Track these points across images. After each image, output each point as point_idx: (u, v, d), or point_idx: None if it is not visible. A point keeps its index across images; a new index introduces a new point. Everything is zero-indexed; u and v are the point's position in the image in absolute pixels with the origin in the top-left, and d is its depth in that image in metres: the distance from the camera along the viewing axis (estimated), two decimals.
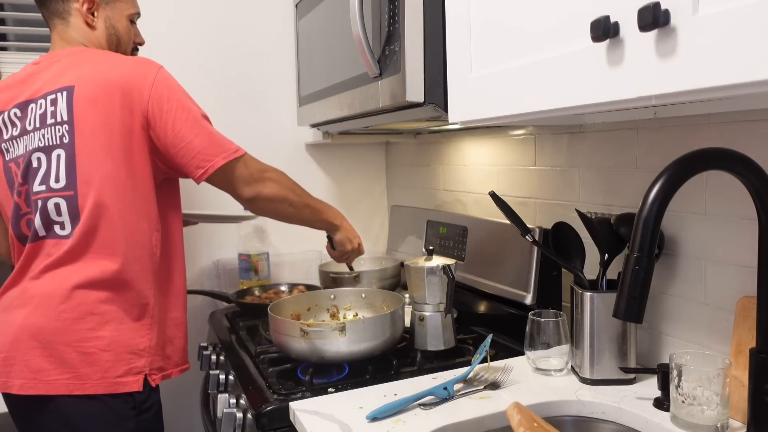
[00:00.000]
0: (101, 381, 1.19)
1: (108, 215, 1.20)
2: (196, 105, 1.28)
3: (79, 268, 1.20)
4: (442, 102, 1.10)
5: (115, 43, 1.35)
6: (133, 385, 1.21)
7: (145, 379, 1.23)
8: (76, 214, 1.20)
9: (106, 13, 1.33)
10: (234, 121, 1.97)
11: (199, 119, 1.26)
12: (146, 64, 1.26)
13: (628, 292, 0.74)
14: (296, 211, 1.39)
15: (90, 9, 1.30)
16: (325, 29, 1.51)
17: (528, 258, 1.31)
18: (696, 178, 0.96)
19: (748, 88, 0.56)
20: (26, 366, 1.19)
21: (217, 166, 1.26)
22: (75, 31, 1.31)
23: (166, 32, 1.87)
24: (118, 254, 1.21)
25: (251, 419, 1.10)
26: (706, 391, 0.87)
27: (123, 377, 1.20)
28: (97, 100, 1.20)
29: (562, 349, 1.12)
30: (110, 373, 1.19)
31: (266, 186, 1.33)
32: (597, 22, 0.68)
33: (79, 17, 1.30)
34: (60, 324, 1.18)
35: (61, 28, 1.31)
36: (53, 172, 1.22)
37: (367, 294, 1.44)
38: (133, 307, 1.23)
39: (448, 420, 0.96)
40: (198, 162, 1.25)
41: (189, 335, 1.82)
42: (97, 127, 1.20)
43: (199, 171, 1.26)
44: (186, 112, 1.24)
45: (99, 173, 1.20)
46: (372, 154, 2.19)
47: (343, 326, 1.15)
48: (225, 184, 1.30)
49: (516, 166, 1.51)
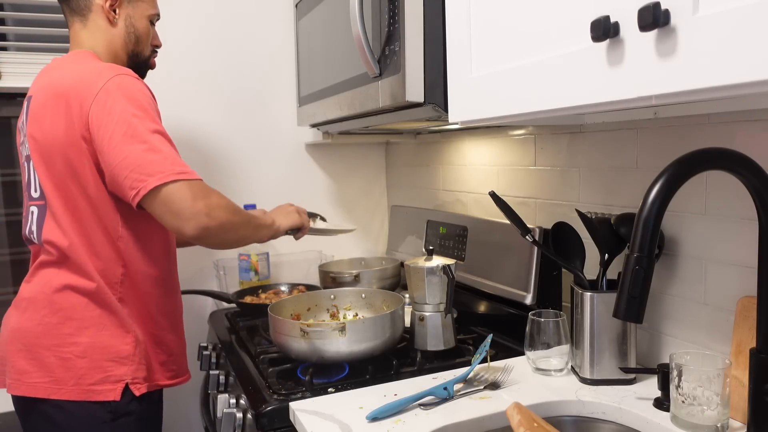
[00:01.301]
0: (75, 387, 1.18)
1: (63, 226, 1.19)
2: (152, 119, 1.14)
3: (61, 272, 1.20)
4: (442, 102, 1.10)
5: (133, 42, 1.33)
6: (108, 393, 1.18)
7: (127, 387, 1.20)
8: (42, 223, 1.22)
9: (128, 12, 1.31)
10: (234, 121, 1.97)
11: (144, 134, 1.11)
12: (102, 71, 1.17)
13: (628, 292, 0.74)
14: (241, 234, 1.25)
15: (113, 5, 1.29)
16: (325, 29, 1.51)
17: (528, 258, 1.31)
18: (696, 178, 0.96)
19: (748, 88, 0.56)
20: (12, 367, 1.21)
21: (148, 188, 1.08)
22: (90, 30, 1.29)
23: (167, 33, 1.87)
24: (87, 262, 1.19)
25: (251, 419, 1.10)
26: (706, 391, 0.87)
27: (97, 385, 1.18)
28: (45, 110, 1.18)
29: (562, 349, 1.12)
30: (84, 380, 1.18)
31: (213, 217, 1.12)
32: (597, 22, 0.68)
33: (100, 14, 1.28)
34: (42, 328, 1.19)
35: (78, 26, 1.29)
36: (32, 181, 1.24)
37: (367, 294, 1.44)
38: (116, 314, 1.21)
39: (448, 420, 0.96)
40: (131, 182, 1.10)
41: (189, 335, 1.82)
42: (45, 138, 1.18)
43: (132, 192, 1.10)
44: (126, 126, 1.11)
45: (50, 184, 1.19)
46: (372, 154, 2.19)
47: (343, 326, 1.15)
48: (163, 214, 1.11)
49: (516, 166, 1.51)
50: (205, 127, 1.94)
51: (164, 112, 1.88)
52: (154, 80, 1.86)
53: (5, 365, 1.23)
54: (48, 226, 1.21)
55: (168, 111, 1.88)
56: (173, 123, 1.88)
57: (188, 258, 1.85)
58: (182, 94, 1.90)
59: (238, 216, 1.21)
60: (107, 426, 1.19)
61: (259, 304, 1.67)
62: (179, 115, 1.90)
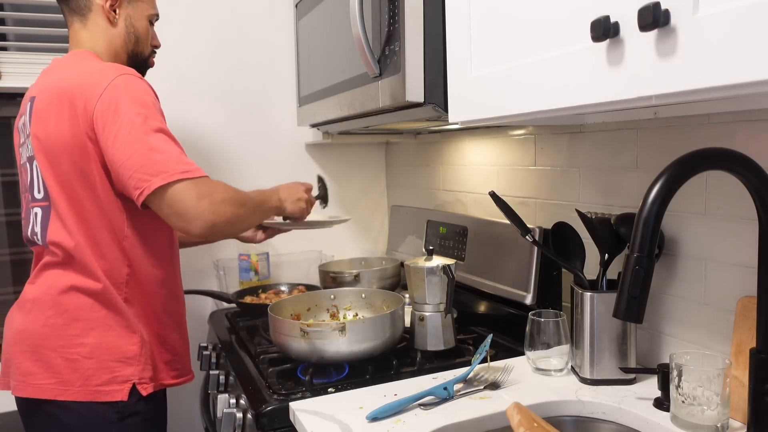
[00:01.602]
0: (82, 388, 1.17)
1: (69, 226, 1.18)
2: (156, 118, 1.15)
3: (67, 273, 1.20)
4: (442, 102, 1.10)
5: (133, 42, 1.33)
6: (116, 394, 1.18)
7: (134, 387, 1.20)
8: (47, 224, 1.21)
9: (128, 12, 1.31)
10: (234, 120, 1.97)
11: (148, 133, 1.11)
12: (106, 71, 1.17)
13: (628, 292, 0.74)
14: (249, 223, 1.28)
15: (113, 5, 1.29)
16: (325, 29, 1.51)
17: (528, 258, 1.31)
18: (696, 178, 0.96)
19: (748, 88, 0.56)
20: (18, 368, 1.20)
21: (152, 187, 1.08)
22: (90, 30, 1.29)
23: (166, 32, 1.87)
24: (92, 263, 1.19)
25: (251, 419, 1.10)
26: (706, 391, 0.87)
27: (104, 386, 1.18)
28: (50, 111, 1.17)
29: (562, 349, 1.12)
30: (92, 381, 1.18)
31: (219, 214, 1.13)
32: (597, 22, 0.68)
33: (100, 13, 1.28)
34: (47, 329, 1.19)
35: (77, 26, 1.29)
36: (36, 182, 1.23)
37: (367, 294, 1.44)
38: (121, 314, 1.21)
39: (448, 420, 0.96)
40: (135, 182, 1.10)
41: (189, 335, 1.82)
42: (49, 138, 1.18)
43: (136, 192, 1.10)
44: (130, 125, 1.11)
45: (56, 185, 1.18)
46: (372, 154, 2.19)
47: (343, 326, 1.15)
48: (168, 214, 1.11)
49: (516, 166, 1.51)
50: (205, 126, 1.94)
51: (164, 112, 1.89)
52: (154, 80, 1.86)
53: (10, 367, 1.22)
54: (53, 227, 1.20)
55: (168, 111, 1.87)
56: (173, 123, 1.87)
57: (188, 258, 1.85)
58: (182, 94, 1.90)
59: (243, 208, 1.22)
60: (114, 426, 1.19)
61: (259, 304, 1.67)
62: (179, 114, 1.90)
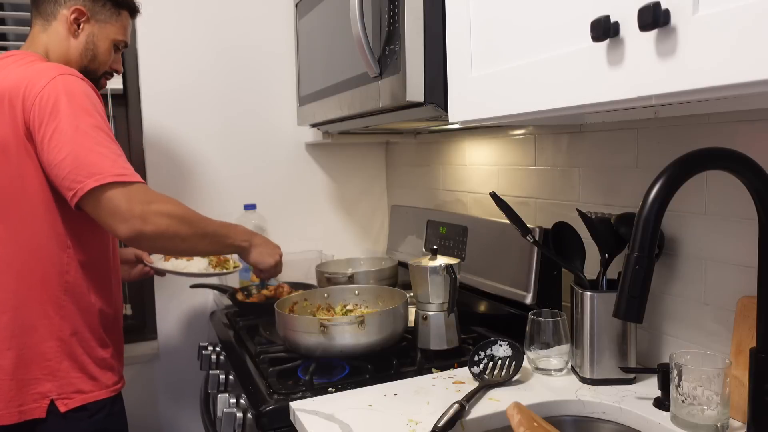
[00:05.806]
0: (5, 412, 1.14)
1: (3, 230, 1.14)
2: (94, 118, 1.13)
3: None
4: (442, 102, 1.10)
5: (89, 59, 1.32)
6: (34, 412, 1.15)
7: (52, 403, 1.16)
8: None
9: (93, 29, 1.31)
10: (234, 121, 1.97)
11: (86, 133, 1.09)
12: (46, 70, 1.15)
13: (628, 292, 0.74)
14: (191, 245, 1.24)
15: (77, 20, 1.29)
16: (325, 29, 1.51)
17: (528, 258, 1.31)
18: (696, 178, 0.96)
19: (748, 88, 0.56)
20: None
21: (85, 189, 1.07)
22: (49, 35, 1.28)
23: (166, 32, 1.87)
24: (11, 273, 1.14)
25: (251, 419, 1.10)
26: (706, 390, 0.87)
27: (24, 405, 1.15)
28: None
29: (562, 349, 1.12)
30: (14, 402, 1.15)
31: (148, 223, 1.12)
32: (597, 22, 0.68)
33: (62, 24, 1.28)
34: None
35: (39, 29, 1.29)
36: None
37: (360, 291, 1.45)
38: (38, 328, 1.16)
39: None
40: (69, 183, 1.08)
41: (189, 335, 1.82)
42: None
43: (70, 193, 1.09)
44: (66, 125, 1.08)
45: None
46: (372, 154, 2.19)
47: (362, 319, 1.16)
48: (100, 215, 1.10)
49: (516, 166, 1.51)
50: (205, 126, 1.94)
51: (164, 112, 1.89)
52: (153, 80, 1.86)
53: None
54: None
55: (168, 111, 1.89)
56: (173, 123, 1.88)
57: None
58: (182, 94, 1.90)
59: (187, 228, 1.19)
60: None
61: (259, 304, 1.66)
62: (179, 114, 1.90)
